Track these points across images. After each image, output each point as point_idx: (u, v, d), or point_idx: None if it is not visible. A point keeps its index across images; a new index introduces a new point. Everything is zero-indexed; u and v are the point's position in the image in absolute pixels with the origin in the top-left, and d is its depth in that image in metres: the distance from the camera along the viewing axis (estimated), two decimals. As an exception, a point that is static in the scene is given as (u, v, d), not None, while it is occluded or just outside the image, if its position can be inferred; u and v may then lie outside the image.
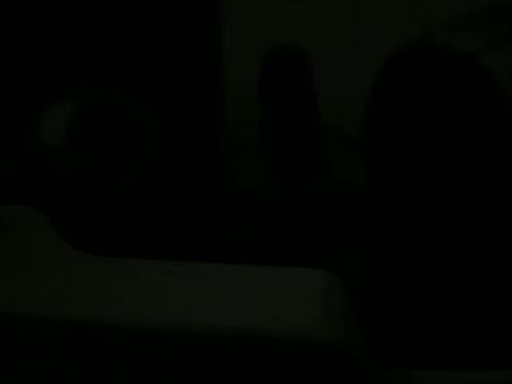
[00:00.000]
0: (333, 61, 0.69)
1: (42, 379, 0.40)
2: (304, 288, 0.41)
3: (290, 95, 0.66)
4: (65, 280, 0.43)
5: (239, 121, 0.70)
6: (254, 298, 0.40)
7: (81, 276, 0.43)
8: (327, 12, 0.71)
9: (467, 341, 0.50)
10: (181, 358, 0.38)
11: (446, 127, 0.53)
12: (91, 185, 0.58)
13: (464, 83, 0.53)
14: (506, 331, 0.50)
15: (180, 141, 0.65)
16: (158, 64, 0.69)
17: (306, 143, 0.66)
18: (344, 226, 0.62)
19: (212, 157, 0.70)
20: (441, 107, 0.53)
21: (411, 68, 0.55)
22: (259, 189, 0.68)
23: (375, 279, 0.56)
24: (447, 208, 0.54)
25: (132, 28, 0.68)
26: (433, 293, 0.53)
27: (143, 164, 0.60)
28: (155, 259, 0.45)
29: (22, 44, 0.67)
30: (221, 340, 0.38)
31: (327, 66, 0.68)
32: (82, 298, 0.41)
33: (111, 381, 0.39)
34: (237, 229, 0.62)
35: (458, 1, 0.57)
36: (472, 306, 0.52)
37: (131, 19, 0.68)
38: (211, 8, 0.70)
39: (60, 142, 0.58)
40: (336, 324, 0.39)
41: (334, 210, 0.64)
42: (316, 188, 0.66)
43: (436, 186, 0.54)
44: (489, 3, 0.56)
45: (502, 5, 0.56)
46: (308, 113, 0.66)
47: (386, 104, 0.57)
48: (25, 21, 0.67)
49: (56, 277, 0.43)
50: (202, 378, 0.38)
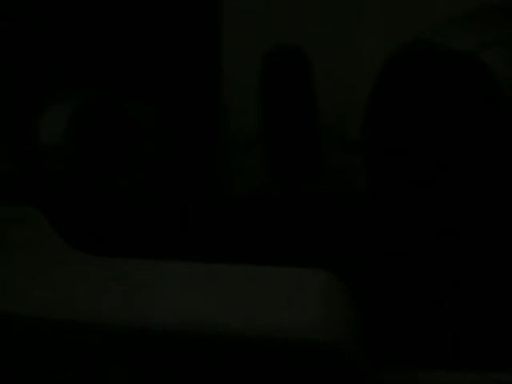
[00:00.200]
0: (333, 61, 0.69)
1: (42, 379, 0.40)
2: (304, 288, 0.41)
3: (290, 95, 0.66)
4: (64, 280, 0.43)
5: (239, 121, 0.70)
6: (254, 298, 0.40)
7: (80, 276, 0.43)
8: (327, 12, 0.71)
9: (467, 341, 0.50)
10: (181, 358, 0.38)
11: (447, 127, 0.53)
12: (91, 185, 0.58)
13: (464, 83, 0.53)
14: (506, 331, 0.50)
15: (180, 141, 0.65)
16: (158, 64, 0.69)
17: (306, 143, 0.66)
18: (344, 226, 0.62)
19: (212, 157, 0.70)
20: (441, 107, 0.53)
21: (411, 68, 0.55)
22: (259, 189, 0.68)
23: (375, 279, 0.56)
24: (448, 208, 0.54)
25: (132, 28, 0.68)
26: (433, 293, 0.53)
27: (143, 164, 0.60)
28: (155, 259, 0.45)
29: (22, 44, 0.67)
30: (221, 340, 0.38)
31: (327, 66, 0.68)
32: (82, 298, 0.41)
33: (111, 381, 0.39)
34: (237, 228, 0.62)
35: (458, 1, 0.57)
36: (472, 307, 0.52)
37: (131, 20, 0.68)
38: (211, 8, 0.70)
39: (60, 142, 0.58)
40: (336, 324, 0.39)
41: (334, 210, 0.64)
42: (316, 188, 0.67)
43: (437, 185, 0.54)
44: (489, 3, 0.56)
45: (502, 5, 0.56)
46: (308, 113, 0.66)
47: (387, 104, 0.57)
48: (25, 21, 0.67)
49: (56, 277, 0.43)
50: (202, 378, 0.38)
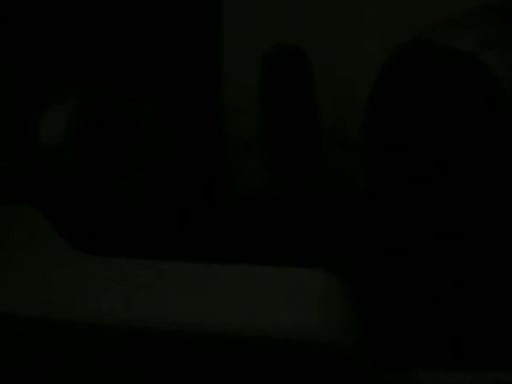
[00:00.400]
0: (333, 61, 0.69)
1: (42, 379, 0.40)
2: (304, 288, 0.41)
3: (290, 95, 0.66)
4: (64, 280, 0.43)
5: (239, 121, 0.70)
6: (254, 298, 0.40)
7: (80, 276, 0.43)
8: (327, 12, 0.71)
9: (467, 341, 0.50)
10: (181, 358, 0.38)
11: (447, 127, 0.53)
12: (91, 185, 0.58)
13: (464, 83, 0.53)
14: (506, 331, 0.50)
15: (180, 141, 0.65)
16: (158, 64, 0.69)
17: (306, 143, 0.66)
18: (344, 226, 0.62)
19: (212, 157, 0.70)
20: (441, 107, 0.53)
21: (411, 68, 0.55)
22: (259, 189, 0.68)
23: (375, 279, 0.56)
24: (447, 208, 0.54)
25: (132, 29, 0.68)
26: (432, 293, 0.53)
27: (143, 164, 0.60)
28: (155, 259, 0.45)
29: (22, 44, 0.67)
30: (221, 340, 0.38)
31: (327, 66, 0.68)
32: (82, 298, 0.41)
33: (111, 381, 0.39)
34: (237, 228, 0.62)
35: (458, 1, 0.57)
36: (472, 307, 0.52)
37: (131, 20, 0.68)
38: (211, 8, 0.70)
39: (60, 142, 0.58)
40: (336, 324, 0.39)
41: (334, 210, 0.64)
42: (316, 188, 0.67)
43: (437, 185, 0.54)
44: (489, 3, 0.56)
45: (502, 5, 0.56)
46: (308, 113, 0.66)
47: (387, 104, 0.57)
48: (25, 21, 0.67)
49: (56, 277, 0.43)
50: (202, 378, 0.38)
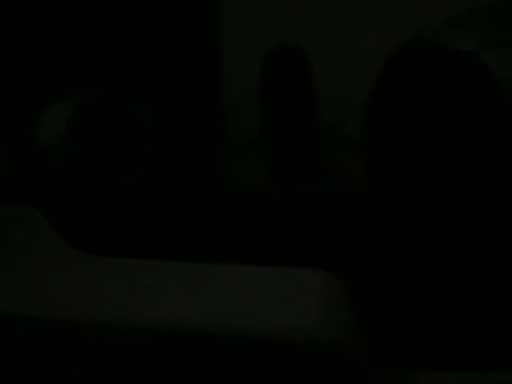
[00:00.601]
0: (333, 61, 0.69)
1: (42, 379, 0.40)
2: (304, 288, 0.41)
3: (290, 95, 0.66)
4: (64, 280, 0.43)
5: (239, 121, 0.70)
6: (254, 298, 0.40)
7: (80, 276, 0.43)
8: (327, 12, 0.71)
9: (467, 341, 0.50)
10: (181, 358, 0.38)
11: (447, 127, 0.53)
12: (91, 185, 0.58)
13: (464, 83, 0.53)
14: (506, 331, 0.50)
15: (180, 141, 0.65)
16: (158, 64, 0.69)
17: (306, 143, 0.66)
18: (344, 226, 0.62)
19: (212, 157, 0.70)
20: (441, 106, 0.53)
21: (411, 68, 0.55)
22: (259, 189, 0.68)
23: (375, 279, 0.56)
24: (447, 208, 0.54)
25: (132, 29, 0.68)
26: (432, 293, 0.53)
27: (143, 164, 0.60)
28: (155, 259, 0.45)
29: (22, 44, 0.67)
30: (221, 340, 0.38)
31: (327, 66, 0.68)
32: (82, 298, 0.41)
33: (111, 381, 0.39)
34: (237, 228, 0.62)
35: (458, 1, 0.57)
36: (472, 307, 0.52)
37: (131, 20, 0.68)
38: (211, 8, 0.70)
39: (60, 142, 0.58)
40: (336, 324, 0.39)
41: (334, 210, 0.64)
42: (316, 188, 0.67)
43: (437, 185, 0.54)
44: (489, 3, 0.56)
45: (502, 5, 0.56)
46: (308, 113, 0.66)
47: (387, 104, 0.57)
48: (25, 21, 0.67)
49: (56, 277, 0.43)
50: (202, 378, 0.38)
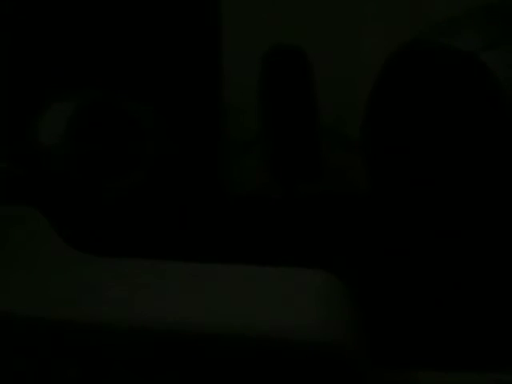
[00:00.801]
0: (333, 61, 0.69)
1: (42, 379, 0.40)
2: (304, 288, 0.41)
3: (290, 95, 0.66)
4: (64, 280, 0.43)
5: (239, 121, 0.70)
6: (254, 298, 0.40)
7: (81, 276, 0.43)
8: (327, 12, 0.71)
9: (467, 341, 0.50)
10: (181, 358, 0.38)
11: (447, 127, 0.53)
12: (91, 185, 0.58)
13: (464, 83, 0.53)
14: (506, 331, 0.50)
15: (180, 141, 0.65)
16: (158, 64, 0.69)
17: (306, 143, 0.66)
18: (344, 226, 0.62)
19: (212, 157, 0.70)
20: (441, 107, 0.53)
21: (411, 68, 0.55)
22: (259, 189, 0.68)
23: (375, 279, 0.56)
24: (447, 208, 0.54)
25: (132, 29, 0.68)
26: (433, 293, 0.53)
27: (143, 164, 0.60)
28: (155, 259, 0.45)
29: (22, 44, 0.67)
30: (221, 340, 0.38)
31: (327, 66, 0.68)
32: (82, 298, 0.41)
33: (111, 381, 0.39)
34: (237, 229, 0.62)
35: (458, 1, 0.57)
36: (472, 307, 0.52)
37: (131, 20, 0.68)
38: (211, 8, 0.70)
39: (60, 142, 0.58)
40: (336, 324, 0.39)
41: (334, 210, 0.64)
42: (316, 188, 0.67)
43: (436, 185, 0.54)
44: (489, 3, 0.56)
45: (502, 5, 0.56)
46: (308, 113, 0.66)
47: (387, 104, 0.57)
48: (25, 21, 0.67)
49: (56, 277, 0.43)
50: (202, 378, 0.38)
